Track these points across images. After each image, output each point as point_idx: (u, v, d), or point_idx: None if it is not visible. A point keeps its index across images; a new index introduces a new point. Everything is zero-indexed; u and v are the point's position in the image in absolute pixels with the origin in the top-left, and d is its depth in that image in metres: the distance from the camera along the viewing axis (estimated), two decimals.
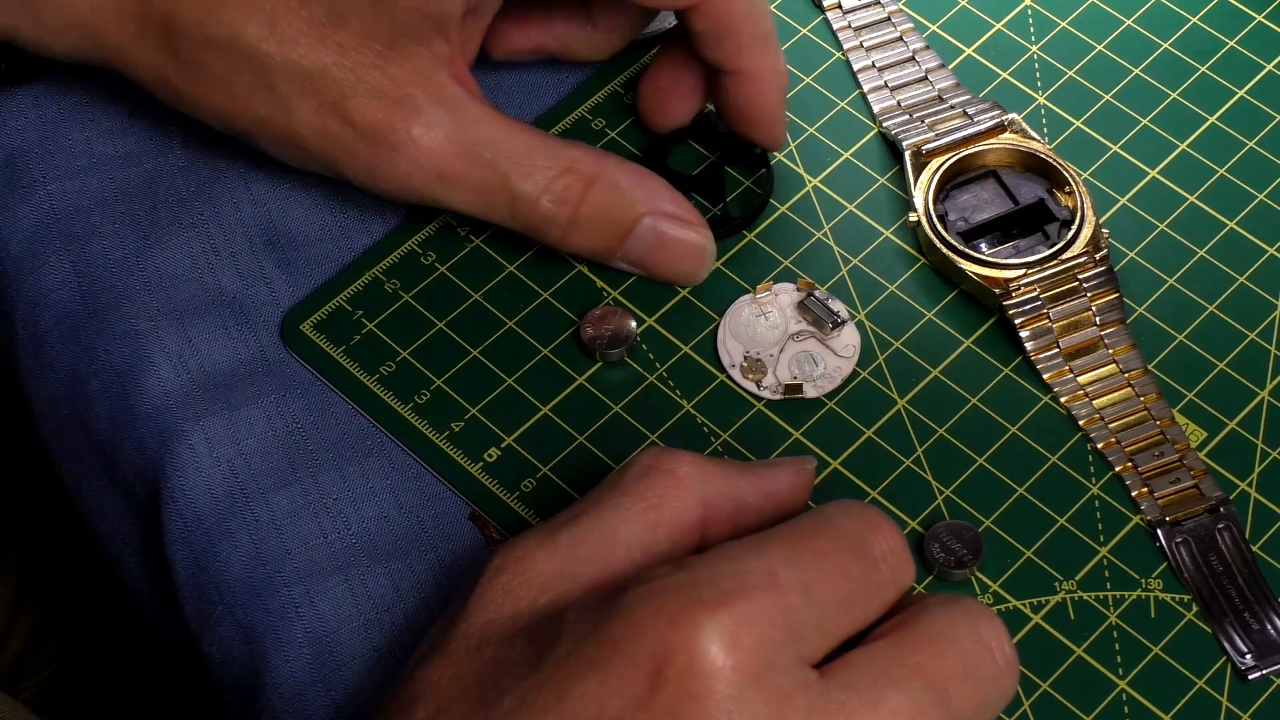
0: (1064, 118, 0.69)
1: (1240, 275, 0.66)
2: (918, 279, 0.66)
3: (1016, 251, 0.65)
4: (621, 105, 0.70)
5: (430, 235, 0.67)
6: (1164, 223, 0.67)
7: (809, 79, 0.70)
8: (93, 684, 0.90)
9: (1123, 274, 0.66)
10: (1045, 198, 0.66)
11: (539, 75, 0.70)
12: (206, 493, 0.63)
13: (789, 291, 0.65)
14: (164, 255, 0.67)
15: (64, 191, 0.68)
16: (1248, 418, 0.63)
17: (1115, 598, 0.60)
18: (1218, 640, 0.59)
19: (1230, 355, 0.64)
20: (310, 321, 0.66)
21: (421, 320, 0.66)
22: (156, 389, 0.65)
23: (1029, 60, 0.70)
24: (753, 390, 0.64)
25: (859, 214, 0.67)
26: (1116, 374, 0.63)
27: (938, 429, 0.63)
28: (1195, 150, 0.68)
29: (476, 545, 0.61)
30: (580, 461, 0.63)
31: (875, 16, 0.71)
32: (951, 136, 0.67)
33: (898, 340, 0.65)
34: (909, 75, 0.70)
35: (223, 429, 0.64)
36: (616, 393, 0.64)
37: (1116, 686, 0.58)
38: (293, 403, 0.64)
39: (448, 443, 0.63)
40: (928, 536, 0.60)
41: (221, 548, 0.62)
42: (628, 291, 0.66)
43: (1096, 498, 0.62)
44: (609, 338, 0.64)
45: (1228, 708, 0.58)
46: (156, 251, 0.67)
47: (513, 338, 0.65)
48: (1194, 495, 0.61)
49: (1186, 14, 0.71)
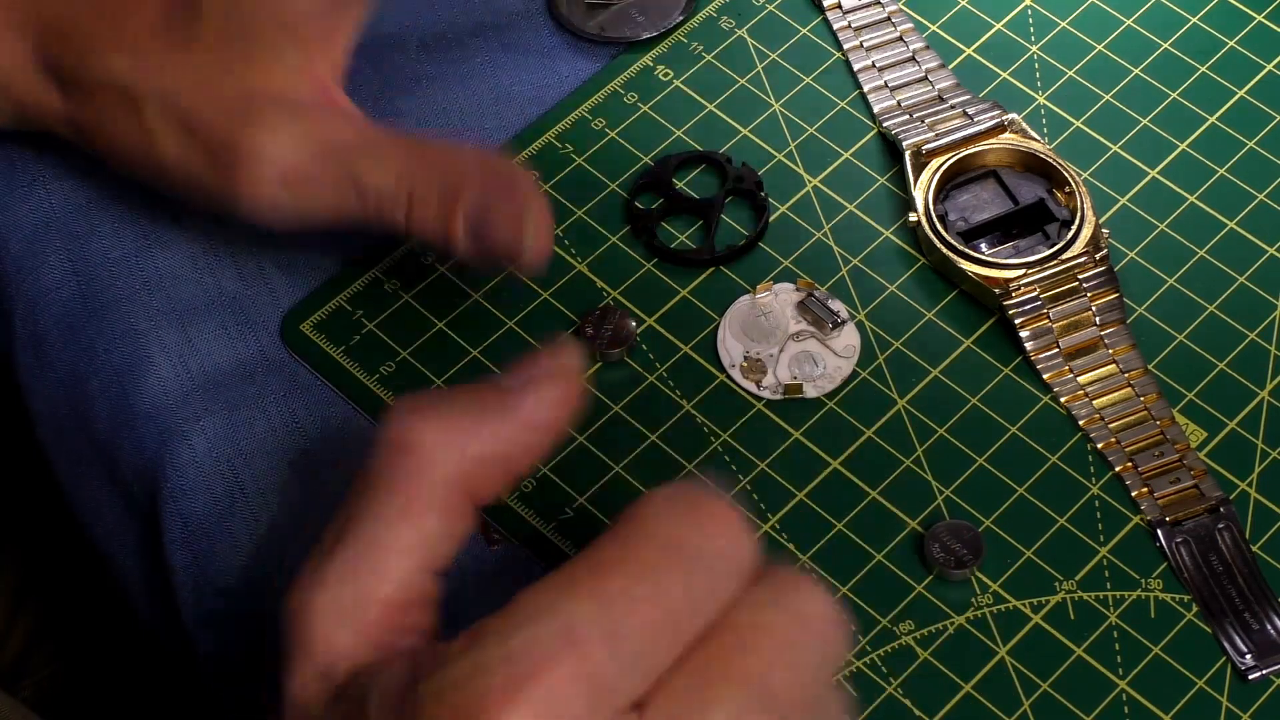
0: (1064, 118, 0.69)
1: (1240, 275, 0.66)
2: (918, 279, 0.66)
3: (1016, 251, 0.65)
4: (621, 105, 0.70)
5: None
6: (1164, 223, 0.67)
7: (809, 79, 0.70)
8: (92, 683, 0.90)
9: (1123, 274, 0.66)
10: (1045, 198, 0.66)
11: (539, 75, 0.70)
12: (206, 493, 0.63)
13: (789, 291, 0.65)
14: (164, 255, 0.67)
15: (64, 190, 0.68)
16: (1248, 418, 0.63)
17: (1115, 598, 0.60)
18: (1218, 640, 0.59)
19: (1230, 355, 0.64)
20: (310, 321, 0.66)
21: (421, 320, 0.66)
22: (156, 389, 0.65)
23: (1029, 60, 0.70)
24: (753, 390, 0.64)
25: (859, 214, 0.67)
26: (1116, 374, 0.64)
27: (938, 429, 0.63)
28: (1195, 150, 0.68)
29: (475, 546, 0.61)
30: (580, 461, 0.63)
31: (875, 16, 0.71)
32: (951, 136, 0.67)
33: (898, 340, 0.65)
34: (909, 75, 0.70)
35: (222, 429, 0.64)
36: (616, 393, 0.64)
37: (1116, 686, 0.58)
38: (293, 403, 0.64)
39: None
40: (928, 536, 0.60)
41: (221, 548, 0.62)
42: (628, 291, 0.66)
43: (1096, 498, 0.62)
44: (609, 338, 0.64)
45: (1228, 708, 0.58)
46: (156, 251, 0.67)
47: (513, 338, 0.65)
48: (1194, 495, 0.61)
49: (1186, 14, 0.71)
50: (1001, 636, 0.59)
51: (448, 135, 0.69)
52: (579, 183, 0.68)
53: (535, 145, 0.69)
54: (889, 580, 0.60)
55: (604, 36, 0.71)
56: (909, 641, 0.59)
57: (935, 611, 0.60)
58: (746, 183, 0.68)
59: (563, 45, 0.71)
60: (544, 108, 0.70)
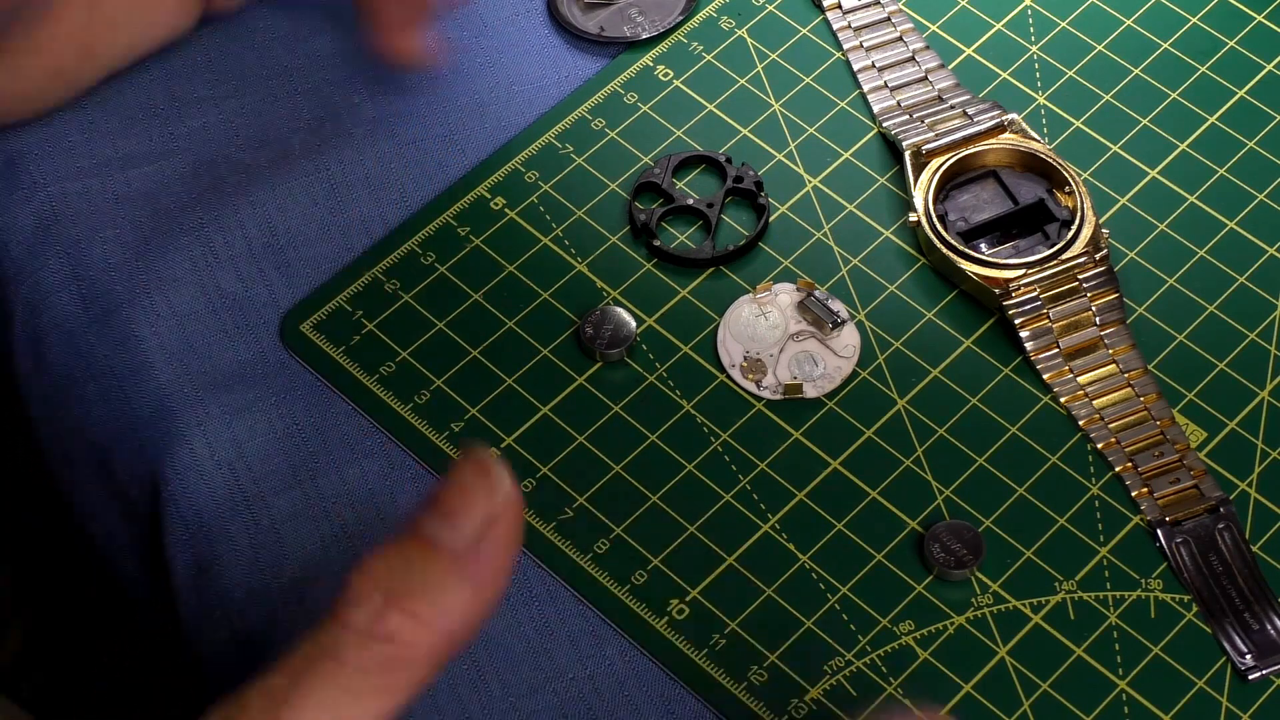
0: (1064, 118, 0.69)
1: (1240, 275, 0.66)
2: (918, 279, 0.66)
3: (1016, 251, 0.65)
4: (621, 105, 0.70)
5: (430, 235, 0.67)
6: (1164, 223, 0.67)
7: (809, 79, 0.70)
8: (91, 684, 0.90)
9: (1123, 274, 0.66)
10: (1045, 198, 0.66)
11: (539, 75, 0.70)
12: (208, 495, 0.63)
13: (789, 291, 0.65)
14: (164, 258, 0.67)
15: (64, 194, 0.68)
16: (1248, 418, 0.63)
17: (1115, 598, 0.60)
18: (1218, 640, 0.59)
19: (1230, 355, 0.64)
20: (310, 322, 0.66)
21: (421, 320, 0.66)
22: (156, 392, 0.65)
23: (1029, 60, 0.70)
24: (753, 390, 0.64)
25: (859, 214, 0.67)
26: (1116, 374, 0.63)
27: (938, 429, 0.63)
28: (1195, 150, 0.68)
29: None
30: (580, 461, 0.63)
31: (875, 16, 0.71)
32: (951, 136, 0.67)
33: (898, 340, 0.65)
34: (909, 75, 0.70)
35: (223, 431, 0.63)
36: (616, 393, 0.64)
37: (1116, 686, 0.58)
38: (293, 404, 0.64)
39: (448, 443, 0.63)
40: (928, 536, 0.60)
41: (222, 551, 0.62)
42: (628, 291, 0.66)
43: (1096, 498, 0.62)
44: (609, 338, 0.64)
45: (1228, 708, 0.58)
46: (156, 254, 0.67)
47: (513, 338, 0.65)
48: (1194, 495, 0.61)
49: (1186, 14, 0.71)
50: (1001, 636, 0.59)
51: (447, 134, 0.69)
52: (579, 183, 0.68)
53: (535, 145, 0.69)
54: (889, 580, 0.60)
55: (604, 36, 0.71)
56: (909, 641, 0.59)
57: (935, 611, 0.60)
58: (746, 183, 0.68)
59: (563, 45, 0.71)
60: (544, 108, 0.70)
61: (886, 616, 0.60)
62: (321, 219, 0.68)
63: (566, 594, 0.61)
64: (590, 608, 0.60)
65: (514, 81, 0.70)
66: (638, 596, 0.60)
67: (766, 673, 0.59)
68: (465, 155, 0.69)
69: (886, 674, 0.59)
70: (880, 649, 0.59)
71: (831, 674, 0.59)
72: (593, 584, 0.61)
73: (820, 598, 0.60)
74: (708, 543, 0.61)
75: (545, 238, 0.67)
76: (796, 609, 0.60)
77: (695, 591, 0.60)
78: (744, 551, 0.61)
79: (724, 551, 0.61)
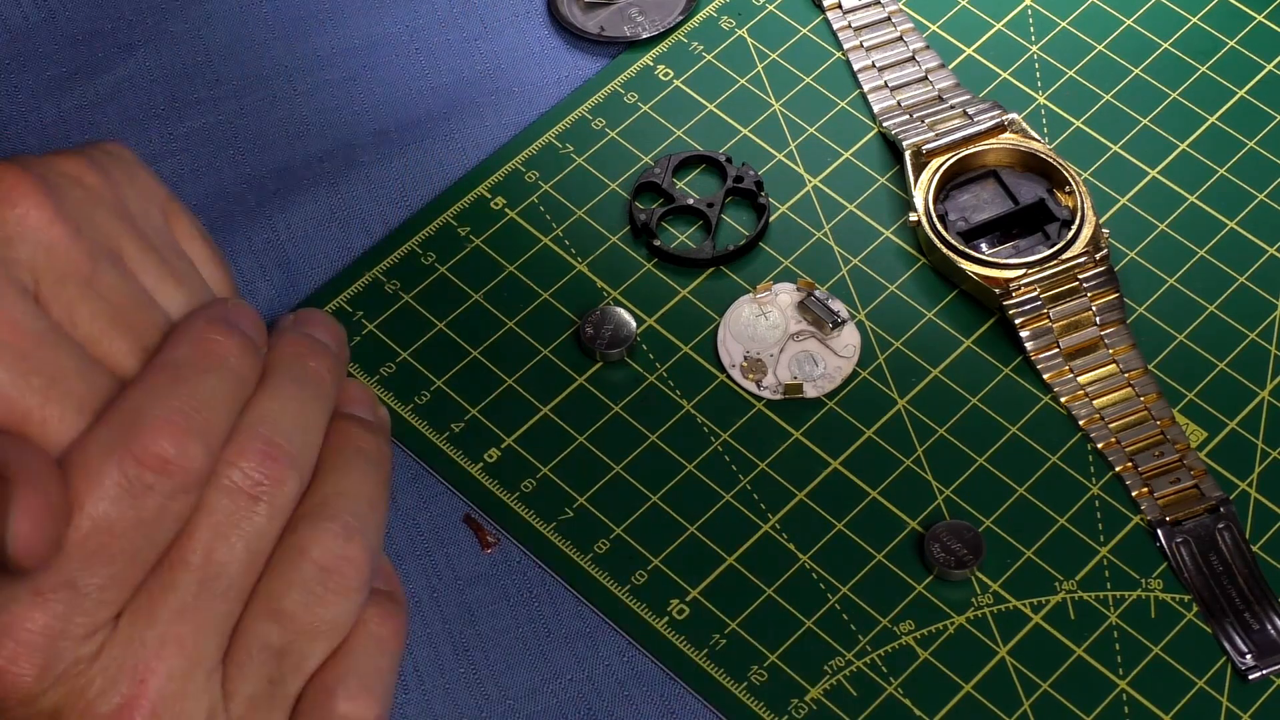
0: (1064, 118, 0.69)
1: (1240, 275, 0.66)
2: (918, 279, 0.66)
3: (1016, 251, 0.65)
4: (621, 105, 0.70)
5: (430, 235, 0.67)
6: (1164, 223, 0.67)
7: (809, 79, 0.70)
8: None
9: (1123, 274, 0.66)
10: (1045, 198, 0.66)
11: (539, 75, 0.70)
12: None
13: (789, 291, 0.65)
14: None
15: None
16: (1248, 418, 0.63)
17: (1115, 598, 0.60)
18: (1218, 640, 0.59)
19: (1230, 355, 0.64)
20: None
21: (421, 321, 0.66)
22: None
23: (1029, 60, 0.70)
24: (753, 390, 0.64)
25: (859, 214, 0.67)
26: (1116, 374, 0.64)
27: (938, 429, 0.63)
28: (1195, 150, 0.68)
29: (471, 549, 0.61)
30: (580, 461, 0.63)
31: (875, 16, 0.71)
32: (951, 136, 0.67)
33: (898, 340, 0.65)
34: (909, 75, 0.70)
35: None
36: (616, 393, 0.64)
37: (1116, 686, 0.58)
38: None
39: (448, 443, 0.63)
40: (928, 536, 0.60)
41: None
42: (628, 291, 0.66)
43: (1096, 498, 0.62)
44: (609, 338, 0.64)
45: (1228, 708, 0.58)
46: None
47: (513, 338, 0.65)
48: (1194, 495, 0.61)
49: (1186, 14, 0.71)
50: (1001, 636, 0.59)
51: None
52: (579, 183, 0.68)
53: (535, 145, 0.69)
54: (889, 580, 0.60)
55: (604, 36, 0.71)
56: (909, 641, 0.59)
57: (935, 611, 0.60)
58: (746, 182, 0.68)
59: (563, 45, 0.71)
60: (544, 107, 0.70)
61: (887, 616, 0.60)
62: (321, 219, 0.68)
63: (566, 594, 0.61)
64: (590, 608, 0.60)
65: (514, 81, 0.70)
66: (638, 596, 0.60)
67: (766, 673, 0.59)
68: (465, 155, 0.69)
69: (887, 674, 0.59)
70: (880, 649, 0.59)
71: (831, 674, 0.59)
72: (593, 584, 0.61)
73: (820, 598, 0.60)
74: (708, 543, 0.61)
75: (545, 238, 0.67)
76: (796, 609, 0.60)
77: (695, 591, 0.60)
78: (744, 551, 0.61)
79: (724, 551, 0.61)
